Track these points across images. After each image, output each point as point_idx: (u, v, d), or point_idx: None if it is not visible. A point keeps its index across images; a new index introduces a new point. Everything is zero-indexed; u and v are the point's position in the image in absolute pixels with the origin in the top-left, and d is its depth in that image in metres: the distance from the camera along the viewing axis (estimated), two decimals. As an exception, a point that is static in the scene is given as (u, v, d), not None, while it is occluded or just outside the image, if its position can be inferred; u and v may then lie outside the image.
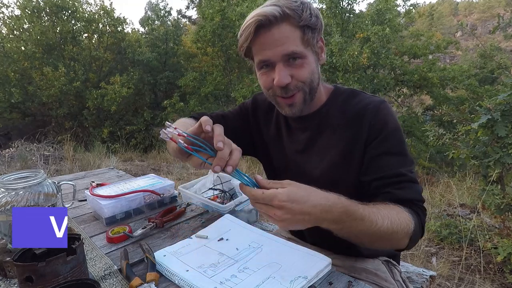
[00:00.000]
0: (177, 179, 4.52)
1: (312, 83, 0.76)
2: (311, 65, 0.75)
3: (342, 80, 6.75)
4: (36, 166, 4.31)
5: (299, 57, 0.73)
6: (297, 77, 0.74)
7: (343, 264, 0.89)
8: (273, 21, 0.70)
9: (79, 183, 1.41)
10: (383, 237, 0.64)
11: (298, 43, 0.72)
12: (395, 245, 0.70)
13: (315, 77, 0.77)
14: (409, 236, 0.68)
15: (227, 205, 1.10)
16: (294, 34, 0.72)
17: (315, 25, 0.74)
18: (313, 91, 0.78)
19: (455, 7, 56.17)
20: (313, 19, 0.73)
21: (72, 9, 8.36)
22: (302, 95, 0.77)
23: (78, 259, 0.59)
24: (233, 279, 0.65)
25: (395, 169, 0.73)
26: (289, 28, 0.71)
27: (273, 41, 0.72)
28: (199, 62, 9.83)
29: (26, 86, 7.87)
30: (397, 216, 0.66)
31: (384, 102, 0.79)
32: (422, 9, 12.01)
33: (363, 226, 0.62)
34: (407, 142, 7.24)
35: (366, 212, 0.62)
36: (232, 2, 8.35)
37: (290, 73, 0.74)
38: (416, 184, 0.74)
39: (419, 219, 0.71)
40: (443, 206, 3.26)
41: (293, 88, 0.75)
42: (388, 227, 0.63)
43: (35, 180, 0.72)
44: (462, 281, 1.98)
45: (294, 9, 0.71)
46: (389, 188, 0.72)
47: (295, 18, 0.71)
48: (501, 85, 3.31)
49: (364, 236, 0.64)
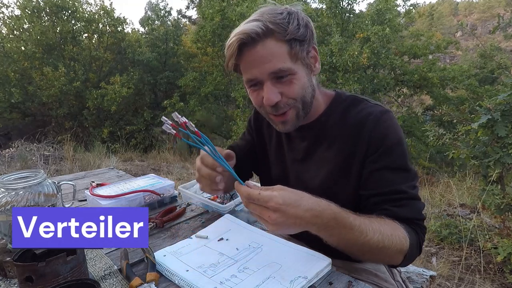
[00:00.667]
0: (177, 179, 4.52)
1: (304, 98, 0.72)
2: (301, 80, 0.71)
3: (342, 80, 6.76)
4: (36, 166, 4.31)
5: (287, 74, 0.69)
6: (287, 95, 0.71)
7: (343, 265, 0.89)
8: (256, 38, 0.66)
9: (79, 183, 1.41)
10: (373, 250, 0.63)
11: (286, 59, 0.68)
12: (387, 260, 0.69)
13: (307, 91, 0.73)
14: (403, 253, 0.66)
15: (227, 205, 1.10)
16: (281, 49, 0.67)
17: (304, 37, 0.69)
18: (307, 105, 0.74)
19: (455, 7, 56.17)
20: (301, 30, 0.69)
21: (72, 9, 8.35)
22: (294, 112, 0.73)
23: (78, 259, 0.59)
24: (233, 279, 0.65)
25: (395, 185, 0.70)
26: (274, 44, 0.67)
27: (258, 58, 0.68)
28: (199, 62, 9.84)
29: (26, 86, 7.87)
30: (391, 231, 0.64)
31: (387, 112, 0.74)
32: (422, 9, 12.01)
33: (352, 235, 0.61)
34: (407, 142, 7.26)
35: (357, 222, 0.61)
36: (232, 2, 8.35)
37: (280, 90, 0.70)
38: (417, 201, 0.71)
39: (417, 238, 0.69)
40: (443, 206, 3.26)
41: (283, 105, 0.71)
42: (379, 240, 0.62)
43: (35, 180, 0.72)
44: (462, 281, 1.98)
45: (278, 23, 0.66)
46: (387, 205, 0.70)
47: (280, 33, 0.66)
48: (501, 85, 3.31)
49: (353, 246, 0.63)
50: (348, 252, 0.67)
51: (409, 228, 0.68)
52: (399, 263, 0.68)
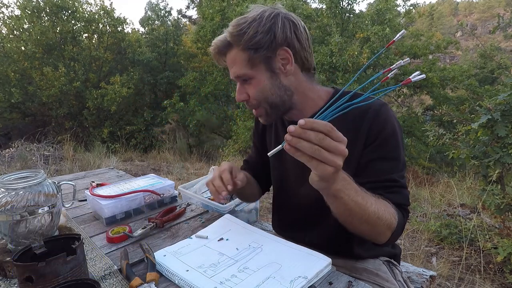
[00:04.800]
0: (177, 179, 4.52)
1: (267, 99, 0.80)
2: (261, 83, 0.79)
3: (342, 80, 6.75)
4: (36, 166, 4.31)
5: (247, 78, 0.79)
6: (250, 95, 0.81)
7: (344, 264, 0.89)
8: (222, 49, 0.79)
9: (79, 183, 1.41)
10: (370, 220, 0.66)
11: (243, 66, 0.77)
12: (377, 234, 0.71)
13: (270, 93, 0.80)
14: (391, 230, 0.70)
15: (227, 205, 1.10)
16: (241, 57, 0.77)
17: (259, 44, 0.74)
18: (276, 105, 0.81)
19: (455, 7, 56.16)
20: (258, 37, 0.74)
21: (72, 9, 8.35)
22: (263, 110, 0.82)
23: (78, 259, 0.59)
24: (233, 279, 0.65)
25: (388, 174, 0.76)
26: (235, 52, 0.78)
27: (228, 63, 0.81)
28: (199, 62, 9.83)
29: (26, 86, 7.86)
30: (385, 207, 0.69)
31: (385, 105, 0.79)
32: (422, 9, 12.00)
33: (358, 198, 0.63)
34: (407, 142, 7.24)
35: (361, 189, 0.65)
36: (232, 2, 8.34)
37: (246, 91, 0.81)
38: (405, 190, 0.78)
39: (403, 220, 0.75)
40: (443, 206, 3.26)
41: (251, 104, 0.83)
42: (375, 211, 0.66)
43: (35, 180, 0.72)
44: (462, 281, 1.98)
45: (236, 34, 0.75)
46: (380, 191, 0.74)
47: (242, 42, 0.75)
48: (501, 85, 3.31)
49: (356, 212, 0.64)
50: (348, 221, 0.69)
51: (397, 209, 0.73)
52: (386, 240, 0.73)
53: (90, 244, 0.84)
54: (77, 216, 1.05)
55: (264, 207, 3.06)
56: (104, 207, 0.95)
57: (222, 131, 9.12)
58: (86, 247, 0.81)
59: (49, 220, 0.73)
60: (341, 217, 0.68)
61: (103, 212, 0.96)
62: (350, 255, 0.91)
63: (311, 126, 0.52)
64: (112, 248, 0.83)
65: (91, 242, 0.85)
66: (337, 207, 0.65)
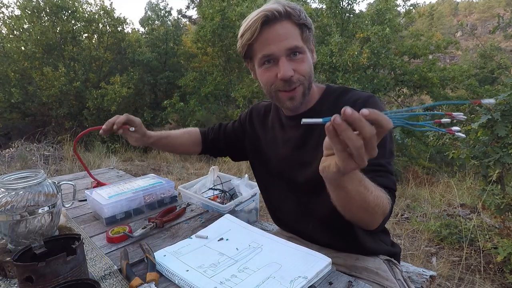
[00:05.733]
0: (177, 179, 4.52)
1: (310, 77, 0.82)
2: (309, 60, 0.82)
3: (342, 80, 6.76)
4: (36, 166, 4.31)
5: (300, 52, 0.79)
6: (299, 71, 0.79)
7: (345, 263, 0.89)
8: (277, 17, 0.76)
9: (79, 183, 1.41)
10: (368, 208, 0.65)
11: (299, 39, 0.79)
12: (371, 221, 0.71)
13: (312, 72, 0.83)
14: (384, 216, 0.70)
15: (227, 205, 1.10)
16: (295, 31, 0.78)
17: (310, 26, 0.81)
18: (310, 85, 0.84)
19: (455, 7, 56.18)
20: (308, 20, 0.81)
21: (72, 9, 8.35)
22: (302, 89, 0.82)
23: (78, 259, 0.59)
24: (233, 279, 0.65)
25: (375, 159, 0.75)
26: (291, 25, 0.78)
27: (277, 36, 0.77)
28: (199, 62, 9.84)
29: (26, 86, 7.87)
30: (380, 193, 0.68)
31: (372, 97, 0.82)
32: (422, 9, 12.01)
33: (360, 187, 0.62)
34: (407, 142, 7.21)
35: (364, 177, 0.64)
36: (232, 2, 8.34)
37: (293, 67, 0.78)
38: (392, 176, 0.79)
39: (392, 204, 0.75)
40: (443, 206, 3.26)
41: (295, 81, 0.80)
42: (374, 199, 0.65)
43: (35, 180, 0.72)
44: (462, 281, 1.98)
45: (293, 8, 0.78)
46: (369, 174, 0.73)
47: (295, 16, 0.78)
48: (501, 85, 3.31)
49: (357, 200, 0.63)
50: (347, 209, 0.68)
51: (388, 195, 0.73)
52: (377, 225, 0.72)
53: (90, 244, 0.84)
54: (77, 216, 1.05)
55: (264, 207, 3.06)
56: (104, 207, 0.95)
57: (222, 131, 9.10)
58: (86, 247, 0.81)
59: (49, 220, 0.73)
60: (340, 205, 0.67)
61: (103, 212, 0.96)
62: (350, 250, 0.91)
63: (374, 118, 0.47)
64: (112, 248, 0.83)
65: (91, 242, 0.85)
66: (339, 195, 0.64)
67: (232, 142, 1.13)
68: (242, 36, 0.81)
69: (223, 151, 1.18)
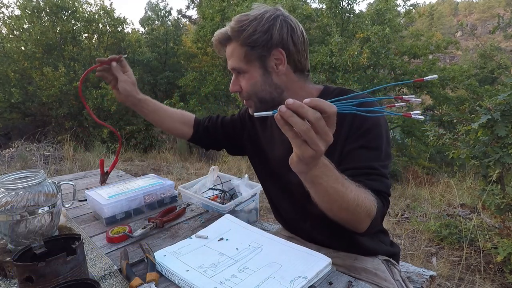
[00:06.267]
0: (177, 179, 4.52)
1: (257, 94, 0.86)
2: (253, 78, 0.84)
3: (342, 80, 6.76)
4: (36, 166, 4.31)
5: (241, 72, 0.85)
6: (242, 88, 0.87)
7: (343, 263, 0.89)
8: (222, 41, 0.85)
9: (79, 183, 1.41)
10: (349, 208, 0.65)
11: (240, 60, 0.83)
12: (357, 222, 0.71)
13: (260, 89, 0.85)
14: (371, 218, 0.70)
15: (227, 205, 1.10)
16: (239, 51, 0.82)
17: (256, 43, 0.80)
18: (264, 99, 0.86)
19: (455, 7, 56.17)
20: (256, 36, 0.79)
21: (72, 9, 8.35)
22: (252, 103, 0.88)
23: (78, 259, 0.59)
24: (233, 279, 0.65)
25: (368, 162, 0.78)
26: (234, 46, 0.83)
27: (227, 55, 0.86)
28: (199, 62, 9.83)
29: (26, 86, 7.86)
30: (364, 194, 0.68)
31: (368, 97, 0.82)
32: (422, 9, 12.01)
33: (338, 185, 0.63)
34: (407, 142, 7.21)
35: (341, 175, 0.65)
36: (232, 2, 8.35)
37: (239, 83, 0.87)
38: (386, 179, 0.77)
39: (383, 208, 0.75)
40: (443, 206, 3.27)
41: (242, 96, 0.89)
42: (355, 198, 0.65)
43: (35, 180, 0.72)
44: (462, 281, 1.98)
45: (236, 29, 0.81)
46: (360, 178, 0.75)
47: (236, 37, 0.82)
48: (501, 85, 3.30)
49: (335, 199, 0.64)
50: (328, 208, 0.68)
51: (377, 198, 0.73)
52: (366, 227, 0.72)
53: (90, 244, 0.84)
54: (77, 216, 1.05)
55: (264, 207, 3.06)
56: (104, 207, 0.95)
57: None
58: (86, 247, 0.81)
59: (49, 220, 0.73)
60: (320, 204, 0.68)
61: (103, 212, 0.96)
62: (350, 250, 0.91)
63: (315, 104, 0.51)
64: (112, 248, 0.83)
65: (91, 242, 0.85)
66: (316, 192, 0.65)
67: (230, 134, 1.13)
68: None
69: (217, 142, 1.15)
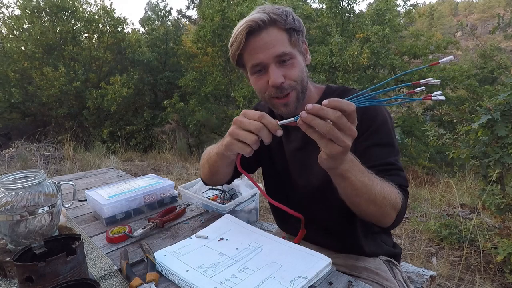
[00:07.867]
0: (177, 179, 4.52)
1: (303, 81, 0.81)
2: (300, 64, 0.80)
3: (342, 80, 6.75)
4: (36, 166, 4.31)
5: (289, 58, 0.78)
6: (289, 77, 0.78)
7: (345, 263, 0.89)
8: (262, 25, 0.76)
9: (79, 183, 1.41)
10: (376, 200, 0.67)
11: (287, 44, 0.77)
12: (383, 215, 0.72)
13: (305, 75, 0.82)
14: (397, 211, 0.72)
15: (227, 205, 1.10)
16: (282, 36, 0.77)
17: (299, 28, 0.80)
18: (305, 89, 0.83)
19: (455, 7, 56.20)
20: (296, 23, 0.79)
21: (72, 9, 8.34)
22: (295, 94, 0.81)
23: (78, 259, 0.59)
24: (233, 279, 0.65)
25: (385, 158, 0.79)
26: (277, 31, 0.77)
27: (263, 44, 0.76)
28: (199, 62, 9.82)
29: (26, 86, 7.86)
30: (389, 187, 0.70)
31: None
32: (422, 9, 12.02)
33: (365, 179, 0.65)
34: (407, 142, 7.21)
35: (367, 169, 0.67)
36: (232, 2, 8.34)
37: (283, 73, 0.78)
38: (403, 172, 0.80)
39: (405, 200, 0.76)
40: (443, 206, 3.26)
41: (287, 87, 0.79)
42: (381, 191, 0.67)
43: (35, 180, 0.72)
44: (462, 281, 1.98)
45: (279, 14, 0.77)
46: (380, 174, 0.76)
47: (281, 22, 0.77)
48: (501, 85, 3.30)
49: (363, 192, 0.66)
50: (356, 202, 0.70)
51: (400, 190, 0.75)
52: (392, 221, 0.74)
53: (90, 244, 0.84)
54: (77, 216, 1.05)
55: (264, 207, 3.06)
56: (104, 207, 0.95)
57: (222, 131, 9.11)
58: (86, 247, 0.81)
59: (49, 220, 0.73)
60: (348, 198, 0.70)
61: (103, 212, 0.96)
62: (351, 251, 0.91)
63: (334, 105, 0.53)
64: (112, 248, 0.83)
65: (91, 242, 0.85)
66: (345, 187, 0.67)
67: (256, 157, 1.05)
68: (231, 47, 0.82)
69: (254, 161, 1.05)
